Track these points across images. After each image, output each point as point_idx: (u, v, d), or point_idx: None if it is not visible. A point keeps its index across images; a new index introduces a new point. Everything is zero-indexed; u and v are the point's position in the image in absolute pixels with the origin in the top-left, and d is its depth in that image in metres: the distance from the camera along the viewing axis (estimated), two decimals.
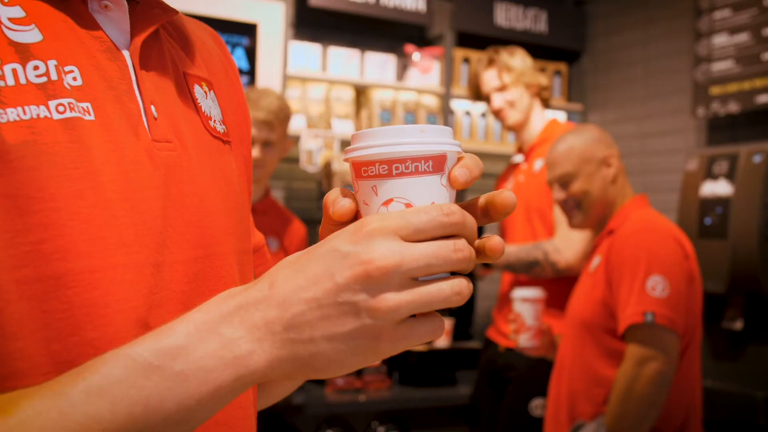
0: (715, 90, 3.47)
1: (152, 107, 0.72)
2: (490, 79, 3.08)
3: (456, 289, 0.59)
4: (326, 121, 3.80)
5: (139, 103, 0.71)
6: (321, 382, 3.30)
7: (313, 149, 3.62)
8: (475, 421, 3.11)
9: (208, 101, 0.82)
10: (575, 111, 4.44)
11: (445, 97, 3.98)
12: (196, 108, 0.79)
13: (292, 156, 3.69)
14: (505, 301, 2.88)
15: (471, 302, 3.70)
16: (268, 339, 0.59)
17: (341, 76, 3.83)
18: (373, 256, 0.57)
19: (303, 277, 0.59)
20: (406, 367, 3.47)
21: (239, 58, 3.58)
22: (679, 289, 2.03)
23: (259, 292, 0.60)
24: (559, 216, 2.72)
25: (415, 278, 0.58)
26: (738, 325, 2.81)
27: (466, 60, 4.12)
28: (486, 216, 0.65)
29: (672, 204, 3.50)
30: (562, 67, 4.44)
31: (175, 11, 0.81)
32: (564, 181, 2.28)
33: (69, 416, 0.54)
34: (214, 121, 0.81)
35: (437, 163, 0.62)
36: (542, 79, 3.06)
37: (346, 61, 3.88)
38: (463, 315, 3.66)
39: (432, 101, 4.03)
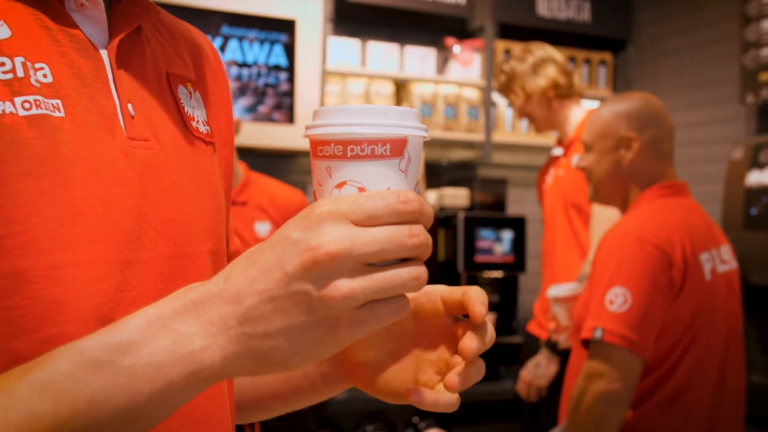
0: (765, 76, 3.37)
1: (129, 106, 0.72)
2: (505, 95, 3.09)
3: (414, 274, 0.57)
4: None
5: (116, 102, 0.71)
6: None
7: None
8: (518, 416, 3.07)
9: (192, 102, 0.81)
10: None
11: (487, 90, 3.94)
12: (179, 108, 0.79)
13: None
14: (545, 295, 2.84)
15: (514, 297, 3.66)
16: (222, 334, 0.57)
17: (380, 70, 3.82)
18: (321, 242, 0.55)
19: (256, 269, 0.57)
20: None
21: (278, 55, 3.59)
22: (645, 303, 1.83)
23: (215, 286, 0.58)
24: (596, 212, 2.67)
25: (370, 264, 0.56)
26: None
27: (508, 52, 4.07)
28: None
29: (719, 195, 3.40)
30: (607, 56, 4.35)
31: (157, 11, 0.81)
32: (585, 149, 2.14)
33: (12, 411, 0.53)
34: (197, 121, 0.81)
35: (396, 147, 0.59)
36: (554, 78, 2.97)
37: (385, 56, 3.86)
38: (505, 309, 3.62)
39: (473, 94, 3.99)
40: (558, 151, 3.06)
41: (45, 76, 0.66)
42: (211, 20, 3.46)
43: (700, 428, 1.92)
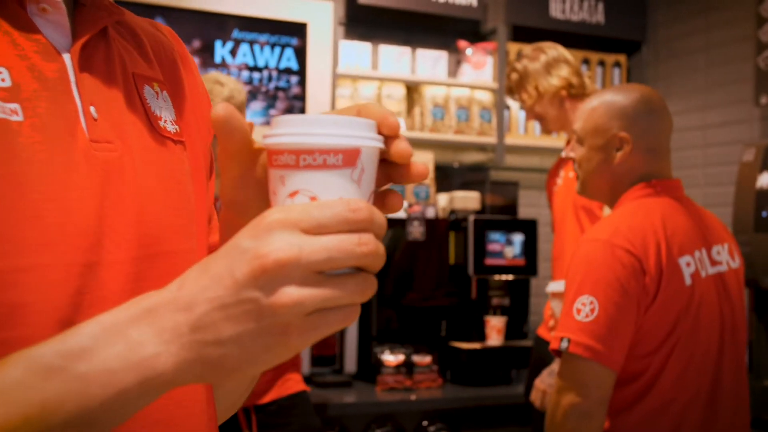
0: None
1: (92, 108, 0.72)
2: (516, 95, 3.08)
3: (361, 286, 0.58)
4: None
5: (77, 104, 0.71)
6: (372, 381, 3.30)
7: None
8: (528, 420, 3.05)
9: (159, 102, 0.82)
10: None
11: (499, 92, 3.92)
12: (145, 109, 0.79)
13: None
14: None
15: (525, 300, 3.64)
16: (175, 341, 0.58)
17: (392, 73, 3.82)
18: (269, 250, 0.55)
19: (207, 276, 0.58)
20: (458, 365, 3.43)
21: (289, 59, 3.60)
22: (614, 312, 1.75)
23: (169, 294, 0.59)
24: (607, 214, 2.65)
25: (321, 272, 0.57)
26: None
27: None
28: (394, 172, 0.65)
29: (732, 197, 3.37)
30: (621, 58, 4.32)
31: (121, 12, 0.81)
32: (576, 140, 2.06)
33: None
34: (165, 121, 0.81)
35: (348, 158, 0.60)
36: (567, 78, 2.96)
37: (397, 59, 3.86)
38: (516, 313, 3.60)
39: (486, 97, 3.98)
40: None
41: (3, 80, 0.67)
42: (222, 24, 3.48)
43: None
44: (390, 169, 0.66)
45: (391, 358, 3.29)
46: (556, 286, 2.26)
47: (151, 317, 0.58)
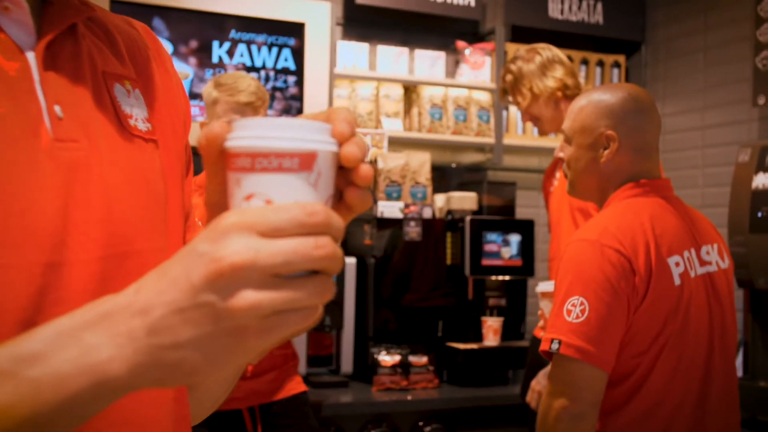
0: None
1: (57, 107, 0.72)
2: (510, 96, 3.06)
3: (319, 288, 0.57)
4: (375, 119, 3.79)
5: (41, 103, 0.71)
6: (368, 382, 3.30)
7: None
8: (525, 420, 3.05)
9: (130, 100, 0.81)
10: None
11: (498, 93, 3.91)
12: (114, 107, 0.79)
13: None
14: None
15: (522, 301, 3.64)
16: (130, 346, 0.57)
17: (390, 73, 3.82)
18: (225, 253, 0.55)
19: (164, 281, 0.58)
20: (455, 366, 3.43)
21: (286, 59, 3.60)
22: (604, 313, 1.74)
23: (125, 298, 0.59)
24: None
25: (279, 275, 0.57)
26: None
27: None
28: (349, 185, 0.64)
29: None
30: (620, 58, 4.32)
31: (92, 9, 0.81)
32: (565, 139, 2.05)
33: None
34: (136, 119, 0.81)
35: (304, 161, 0.59)
36: (562, 79, 2.95)
37: (394, 59, 3.86)
38: (513, 313, 3.60)
39: (484, 97, 3.98)
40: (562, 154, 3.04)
41: None
42: (220, 24, 3.48)
43: None
44: (346, 174, 0.66)
45: (387, 359, 3.29)
46: (545, 286, 2.25)
47: (107, 321, 0.58)
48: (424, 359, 3.34)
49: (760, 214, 2.70)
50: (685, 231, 1.92)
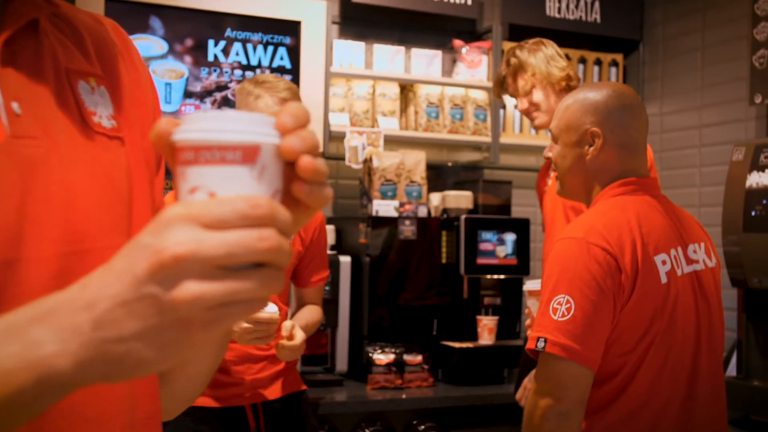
0: None
1: (14, 104, 0.72)
2: (511, 83, 3.02)
3: (264, 281, 0.57)
4: (372, 118, 3.79)
5: None
6: (362, 380, 3.29)
7: (358, 146, 3.61)
8: (520, 420, 3.04)
9: (94, 97, 0.81)
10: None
11: (492, 87, 3.90)
12: (78, 104, 0.79)
13: (339, 153, 3.69)
14: None
15: (517, 299, 3.63)
16: (75, 340, 0.57)
17: (386, 72, 3.81)
18: (168, 244, 0.55)
19: (109, 274, 0.58)
20: (449, 364, 3.42)
21: (282, 57, 3.60)
22: (590, 311, 1.74)
23: (71, 293, 0.59)
24: None
25: (223, 268, 0.56)
26: None
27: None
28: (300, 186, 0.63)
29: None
30: (618, 57, 4.31)
31: (55, 5, 0.81)
32: (553, 138, 2.05)
33: None
34: (100, 116, 0.81)
35: (247, 154, 0.59)
36: (567, 70, 2.95)
37: (391, 58, 3.85)
38: (508, 312, 3.59)
39: (481, 96, 3.97)
40: None
41: None
42: (215, 23, 3.48)
43: None
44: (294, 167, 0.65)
45: (381, 357, 3.29)
46: (532, 284, 2.24)
47: (52, 316, 0.58)
48: (418, 358, 3.34)
49: (753, 213, 2.69)
50: (672, 229, 1.91)
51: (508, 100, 3.97)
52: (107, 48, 0.87)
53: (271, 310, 2.42)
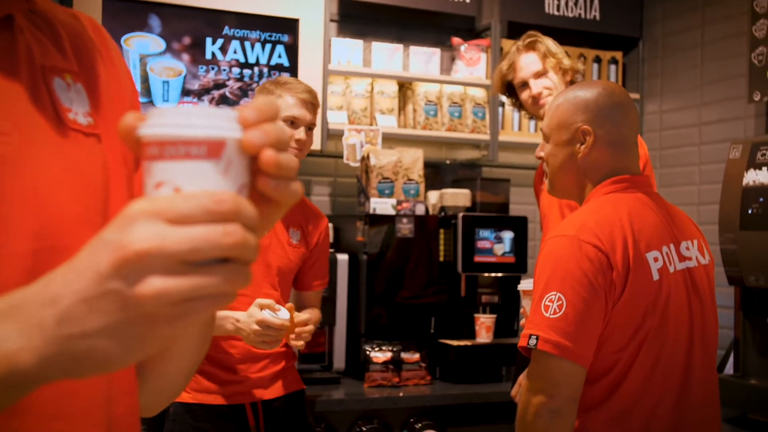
0: None
1: None
2: (528, 63, 2.95)
3: (229, 276, 0.57)
4: (370, 115, 3.79)
5: None
6: (360, 378, 3.29)
7: (356, 144, 3.61)
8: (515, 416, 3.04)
9: (70, 94, 0.81)
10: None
11: (493, 89, 3.90)
12: (52, 101, 0.79)
13: (338, 151, 3.68)
14: None
15: (515, 298, 3.62)
16: (38, 336, 0.57)
17: (385, 70, 3.81)
18: (131, 240, 0.55)
19: (73, 271, 0.58)
20: (447, 362, 3.42)
21: (280, 55, 3.59)
22: (582, 309, 1.73)
23: (36, 289, 0.59)
24: None
25: (188, 263, 0.56)
26: None
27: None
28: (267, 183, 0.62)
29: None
30: (618, 55, 4.30)
31: (31, 2, 0.81)
32: (543, 137, 2.05)
33: None
34: (76, 113, 0.81)
35: (212, 149, 0.59)
36: (579, 65, 2.96)
37: (389, 56, 3.85)
38: (506, 310, 3.59)
39: (479, 93, 3.96)
40: None
41: None
42: (213, 21, 3.48)
43: None
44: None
45: (379, 355, 3.28)
46: (526, 284, 2.24)
47: (17, 313, 0.58)
48: (416, 356, 3.33)
49: (750, 211, 2.68)
50: (664, 227, 1.91)
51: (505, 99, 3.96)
52: (84, 45, 0.87)
53: (284, 316, 2.44)
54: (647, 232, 1.85)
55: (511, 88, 3.02)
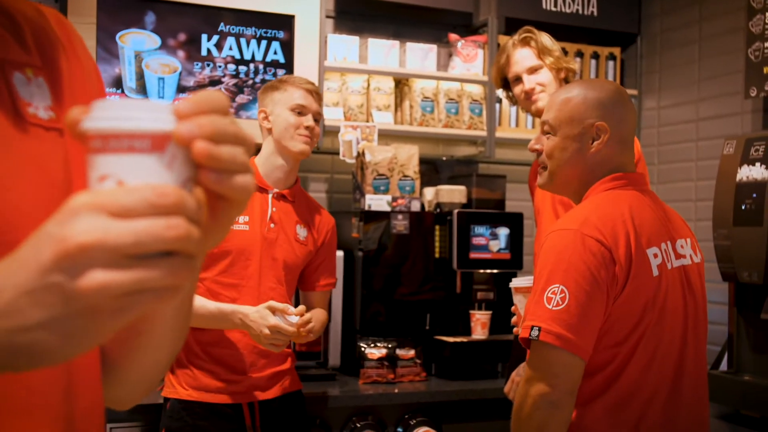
0: None
1: None
2: (523, 58, 2.94)
3: (172, 269, 0.57)
4: (366, 112, 3.78)
5: None
6: (355, 374, 3.29)
7: (352, 141, 3.61)
8: (509, 415, 3.03)
9: (30, 88, 0.81)
10: (630, 96, 4.27)
11: (490, 85, 3.89)
12: (12, 95, 0.78)
13: (334, 148, 3.68)
14: None
15: (511, 294, 3.61)
16: None
17: (381, 66, 3.80)
18: (73, 233, 0.55)
19: (16, 263, 0.58)
20: (442, 359, 3.42)
21: (276, 52, 3.59)
22: (584, 301, 1.76)
23: None
24: None
25: (131, 256, 0.56)
26: None
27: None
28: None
29: None
30: (616, 51, 4.28)
31: None
32: (545, 131, 2.06)
33: None
34: (36, 107, 0.80)
35: (156, 142, 0.59)
36: (574, 65, 2.95)
37: (386, 52, 3.84)
38: (502, 307, 3.58)
39: (476, 90, 3.96)
40: None
41: None
42: (209, 17, 3.48)
43: (657, 430, 1.85)
44: None
45: (374, 352, 3.28)
46: (519, 281, 2.24)
47: None
48: (411, 352, 3.33)
49: (744, 207, 2.67)
50: (661, 224, 1.93)
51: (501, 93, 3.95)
52: (48, 39, 0.86)
53: (296, 321, 2.46)
54: (647, 229, 1.88)
55: (507, 83, 3.01)
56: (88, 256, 0.55)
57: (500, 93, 3.20)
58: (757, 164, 2.66)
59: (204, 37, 3.47)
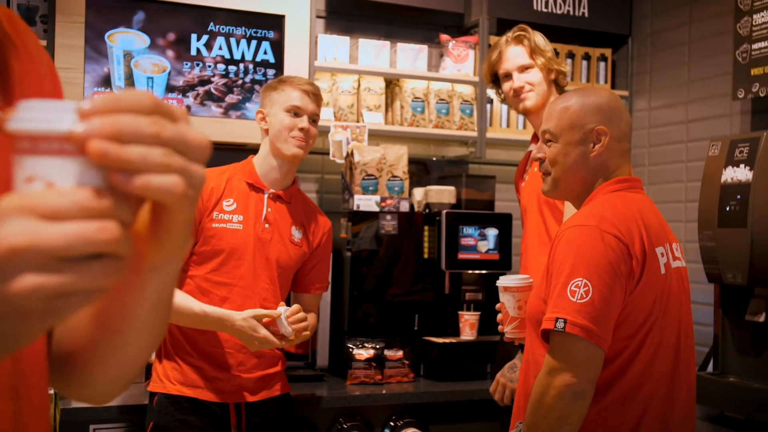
0: (757, 71, 3.29)
1: None
2: (515, 55, 2.94)
3: (104, 271, 0.57)
4: (357, 112, 3.78)
5: None
6: (343, 375, 3.29)
7: (342, 141, 3.61)
8: (497, 415, 3.04)
9: None
10: (621, 97, 4.28)
11: (481, 86, 3.90)
12: None
13: (324, 148, 3.68)
14: None
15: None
16: None
17: (371, 66, 3.80)
18: (2, 236, 0.55)
19: None
20: (430, 360, 3.42)
21: (266, 51, 3.59)
22: (606, 294, 1.82)
23: None
24: (569, 209, 2.62)
25: (62, 259, 0.56)
26: (761, 318, 2.65)
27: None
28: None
29: None
30: (607, 52, 4.28)
31: None
32: (546, 139, 2.12)
33: None
34: None
35: (83, 145, 0.59)
36: (565, 67, 2.95)
37: (376, 52, 3.84)
38: (491, 308, 3.57)
39: (467, 90, 3.96)
40: (533, 147, 3.00)
41: None
42: (198, 17, 3.48)
43: (656, 424, 1.91)
44: None
45: (362, 353, 3.28)
46: (506, 280, 2.24)
47: None
48: (399, 353, 3.33)
49: (728, 208, 2.67)
50: (660, 226, 2.02)
51: (495, 95, 3.95)
52: None
53: (286, 331, 2.52)
54: (653, 229, 1.96)
55: (497, 80, 3.01)
56: (18, 260, 0.55)
57: (490, 90, 3.20)
58: (742, 166, 2.66)
59: (194, 36, 3.47)
